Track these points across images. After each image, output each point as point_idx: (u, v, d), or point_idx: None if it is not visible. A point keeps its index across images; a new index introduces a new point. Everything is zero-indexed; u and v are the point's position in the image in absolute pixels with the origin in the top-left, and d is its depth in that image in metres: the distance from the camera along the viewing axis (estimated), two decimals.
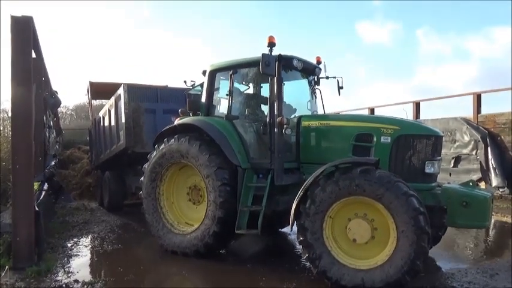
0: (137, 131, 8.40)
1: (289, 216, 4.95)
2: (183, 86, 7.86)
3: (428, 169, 5.21)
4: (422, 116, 13.69)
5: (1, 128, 11.94)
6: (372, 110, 16.04)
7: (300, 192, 4.76)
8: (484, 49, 52.89)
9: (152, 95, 8.88)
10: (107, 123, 10.17)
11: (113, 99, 9.42)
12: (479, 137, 10.92)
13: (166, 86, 10.19)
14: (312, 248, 4.62)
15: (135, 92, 8.59)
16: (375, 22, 60.23)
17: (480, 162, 10.91)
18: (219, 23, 64.57)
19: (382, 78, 56.39)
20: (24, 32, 5.51)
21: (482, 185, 10.74)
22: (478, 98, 11.57)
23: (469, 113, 11.84)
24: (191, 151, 5.97)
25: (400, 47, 58.69)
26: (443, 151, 12.13)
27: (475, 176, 10.92)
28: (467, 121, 11.56)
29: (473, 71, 52.65)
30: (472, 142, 11.19)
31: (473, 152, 11.17)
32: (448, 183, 6.18)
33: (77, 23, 63.12)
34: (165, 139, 6.38)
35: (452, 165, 11.72)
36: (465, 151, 11.44)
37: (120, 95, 8.72)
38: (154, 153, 6.49)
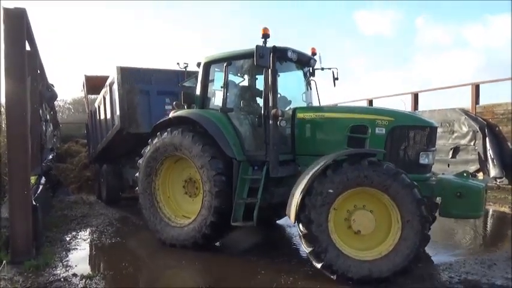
0: (131, 112, 8.41)
1: (285, 208, 4.90)
2: (177, 68, 7.91)
3: (423, 160, 5.26)
4: (420, 107, 13.68)
5: None
6: (370, 102, 16.01)
7: (306, 184, 4.63)
8: (484, 38, 52.82)
9: (145, 76, 8.85)
10: (102, 111, 10.15)
11: (107, 84, 9.40)
12: (477, 128, 10.91)
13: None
14: (317, 241, 4.53)
15: (129, 73, 8.56)
16: (373, 11, 59.97)
17: (478, 152, 10.93)
18: (217, 16, 64.27)
19: (381, 68, 56.30)
20: (17, 24, 5.43)
21: (480, 175, 10.76)
22: (476, 88, 11.55)
23: (467, 103, 11.83)
24: (184, 143, 5.96)
25: (399, 36, 58.54)
26: (441, 142, 12.20)
27: (473, 167, 10.94)
28: (465, 112, 11.55)
29: (474, 61, 52.66)
30: (470, 133, 11.19)
31: (472, 143, 11.18)
32: (443, 173, 6.20)
33: (78, 22, 62.92)
34: (158, 133, 6.36)
35: (450, 156, 11.73)
36: (463, 142, 11.44)
37: (114, 78, 8.72)
38: (148, 147, 6.46)
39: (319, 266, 4.55)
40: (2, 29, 5.35)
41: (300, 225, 4.65)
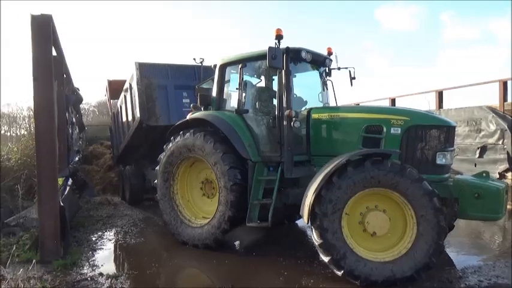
0: (150, 106, 8.62)
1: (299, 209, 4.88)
2: (193, 62, 8.15)
3: (440, 160, 5.14)
4: (445, 105, 13.33)
5: (27, 126, 12.30)
6: (393, 100, 15.71)
7: (313, 193, 4.61)
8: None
9: (163, 71, 9.06)
10: (124, 111, 10.38)
11: (127, 82, 9.66)
12: (505, 126, 10.54)
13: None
14: (334, 248, 4.49)
15: (147, 69, 8.80)
16: (396, 7, 58.89)
17: (507, 152, 10.55)
18: (231, 16, 64.46)
19: (405, 65, 55.25)
20: (44, 30, 5.62)
21: (510, 175, 10.41)
22: (504, 85, 11.16)
23: (495, 101, 11.45)
24: (196, 143, 6.08)
25: (423, 32, 57.32)
26: (468, 141, 11.84)
27: (502, 166, 10.57)
28: (493, 109, 11.18)
29: (502, 56, 51.02)
30: (499, 131, 10.81)
31: (500, 142, 10.81)
32: (461, 174, 6.02)
33: (96, 19, 64.00)
34: (172, 137, 6.47)
35: (477, 155, 11.38)
36: (491, 141, 11.07)
37: (133, 74, 8.96)
38: (164, 153, 6.60)
39: (340, 273, 4.49)
40: (30, 35, 5.53)
41: (314, 235, 4.62)
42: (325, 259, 4.58)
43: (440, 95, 13.53)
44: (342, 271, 4.47)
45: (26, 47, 5.79)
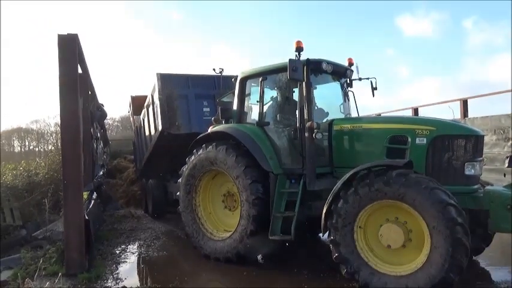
0: (171, 115, 8.72)
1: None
2: (213, 73, 8.41)
3: (469, 171, 4.96)
4: (470, 114, 12.99)
5: (54, 141, 12.67)
6: (416, 110, 15.42)
7: (325, 208, 4.66)
8: None
9: (183, 81, 9.22)
10: (146, 123, 10.54)
11: (149, 95, 9.84)
12: None
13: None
14: (349, 262, 4.51)
15: (168, 79, 8.95)
16: (417, 14, 58.35)
17: None
18: (251, 26, 65.06)
19: (427, 74, 54.39)
20: (70, 49, 5.81)
21: None
22: None
23: None
24: (219, 156, 6.10)
25: (446, 39, 56.46)
26: (496, 150, 11.47)
27: None
28: None
29: None
30: None
31: None
32: (491, 184, 5.79)
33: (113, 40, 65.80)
34: (195, 150, 6.52)
35: (506, 165, 10.98)
36: None
37: (154, 85, 9.14)
38: (186, 166, 6.66)
39: (357, 286, 4.47)
40: (57, 54, 5.73)
41: (331, 247, 4.64)
42: (342, 271, 4.60)
43: (465, 103, 13.20)
44: (358, 284, 4.48)
45: (52, 63, 6.03)
